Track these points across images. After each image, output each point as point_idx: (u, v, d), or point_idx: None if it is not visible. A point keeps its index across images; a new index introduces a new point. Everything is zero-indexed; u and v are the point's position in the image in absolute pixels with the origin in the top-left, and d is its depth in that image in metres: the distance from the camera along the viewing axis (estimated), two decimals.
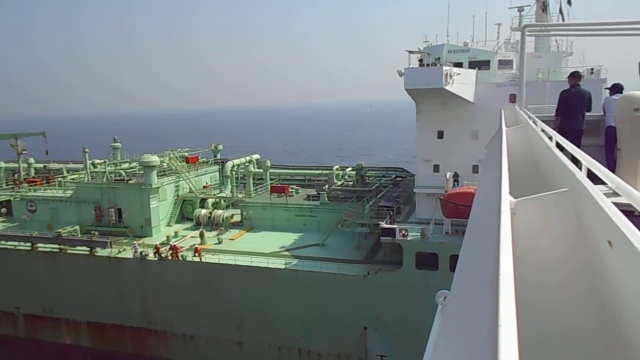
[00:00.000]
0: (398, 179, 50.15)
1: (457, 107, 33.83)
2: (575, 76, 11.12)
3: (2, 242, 41.13)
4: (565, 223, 2.59)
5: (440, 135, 35.27)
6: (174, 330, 36.62)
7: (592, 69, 34.11)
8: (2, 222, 48.56)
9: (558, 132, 7.83)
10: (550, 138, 5.74)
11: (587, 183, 2.74)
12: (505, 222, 2.16)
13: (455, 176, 34.22)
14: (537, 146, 5.72)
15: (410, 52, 30.11)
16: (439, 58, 32.31)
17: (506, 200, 2.54)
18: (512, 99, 33.73)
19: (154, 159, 42.35)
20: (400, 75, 30.34)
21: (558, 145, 5.22)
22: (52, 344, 40.22)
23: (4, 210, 50.28)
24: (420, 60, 32.46)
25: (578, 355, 2.13)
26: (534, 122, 8.01)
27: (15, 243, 40.43)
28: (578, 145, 9.12)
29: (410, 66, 30.64)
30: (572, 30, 12.49)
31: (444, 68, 29.59)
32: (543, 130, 6.88)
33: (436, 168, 35.53)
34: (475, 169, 35.10)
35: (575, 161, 4.12)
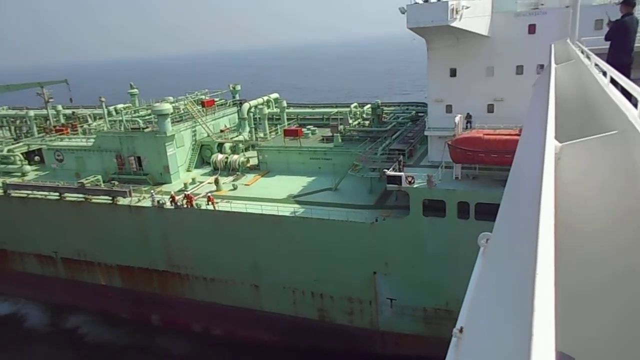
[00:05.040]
0: (420, 114, 48.28)
1: (471, 42, 31.19)
2: (629, 3, 10.11)
3: (35, 192, 43.33)
4: (615, 168, 2.45)
5: (453, 73, 32.96)
6: (195, 274, 38.39)
7: None
8: (35, 170, 50.92)
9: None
10: (605, 74, 5.26)
11: None
12: (549, 168, 2.08)
13: (468, 117, 32.41)
14: (589, 84, 5.35)
15: None
16: None
17: (551, 144, 2.44)
18: (532, 30, 30.78)
19: (167, 106, 42.23)
20: (403, 13, 27.98)
21: (613, 83, 4.71)
22: (89, 285, 43.32)
23: (37, 158, 52.54)
24: None
25: (619, 303, 2.14)
26: (587, 56, 7.33)
27: (45, 193, 42.48)
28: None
29: (414, 2, 28.10)
30: None
31: (450, 2, 26.90)
32: (597, 66, 6.33)
33: (449, 109, 33.62)
34: (490, 109, 33.05)
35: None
